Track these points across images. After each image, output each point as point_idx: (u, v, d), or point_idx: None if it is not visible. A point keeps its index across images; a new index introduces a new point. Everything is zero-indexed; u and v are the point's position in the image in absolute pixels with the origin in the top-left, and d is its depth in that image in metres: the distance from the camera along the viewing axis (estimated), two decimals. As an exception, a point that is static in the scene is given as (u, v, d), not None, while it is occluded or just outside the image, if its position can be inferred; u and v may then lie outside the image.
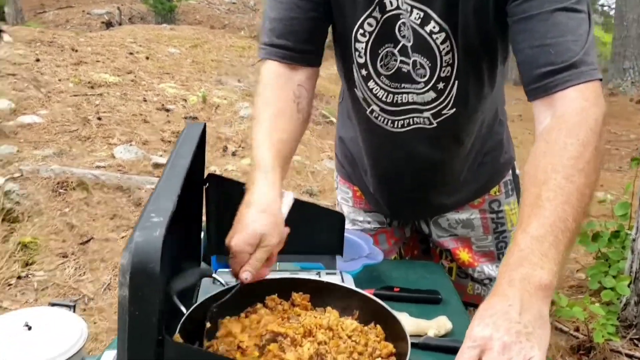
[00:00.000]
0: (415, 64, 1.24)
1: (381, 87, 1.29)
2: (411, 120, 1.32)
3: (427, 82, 1.25)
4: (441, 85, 1.25)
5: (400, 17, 1.19)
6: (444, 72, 1.23)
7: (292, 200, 1.09)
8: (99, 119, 4.98)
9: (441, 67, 1.22)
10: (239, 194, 1.20)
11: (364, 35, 1.23)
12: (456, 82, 1.25)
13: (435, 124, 1.31)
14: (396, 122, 1.33)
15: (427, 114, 1.31)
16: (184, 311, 0.90)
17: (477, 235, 1.55)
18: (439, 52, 1.21)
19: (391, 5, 1.18)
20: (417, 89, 1.27)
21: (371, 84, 1.30)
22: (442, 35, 1.18)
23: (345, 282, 1.14)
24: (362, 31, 1.23)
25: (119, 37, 8.58)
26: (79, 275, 2.84)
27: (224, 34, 10.22)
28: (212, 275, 1.04)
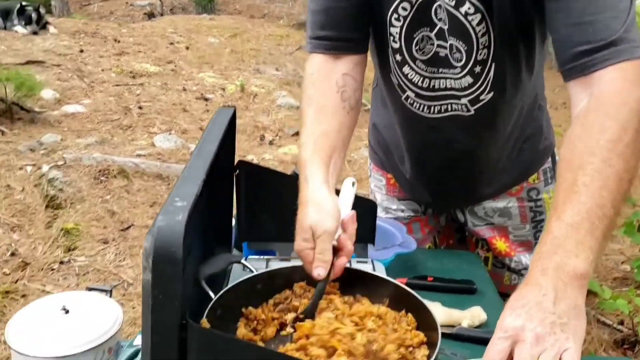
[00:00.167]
0: (452, 47, 1.21)
1: (417, 72, 1.27)
2: (449, 106, 1.29)
3: (463, 67, 1.22)
4: (478, 69, 1.22)
5: (434, 0, 1.16)
6: (480, 55, 1.20)
7: (351, 185, 1.08)
8: (140, 108, 5.07)
9: (477, 50, 1.19)
10: (269, 181, 1.20)
11: (398, 19, 1.21)
12: (493, 64, 1.21)
13: (472, 111, 1.28)
14: (432, 107, 1.30)
15: (464, 101, 1.27)
16: (212, 296, 0.90)
17: (515, 224, 1.51)
18: (475, 35, 1.17)
19: None
20: (454, 74, 1.24)
21: (406, 69, 1.28)
22: (478, 16, 1.15)
23: (376, 270, 1.12)
24: (396, 15, 1.20)
25: (160, 27, 8.72)
26: (119, 261, 2.90)
27: (262, 23, 10.26)
28: (241, 261, 1.04)
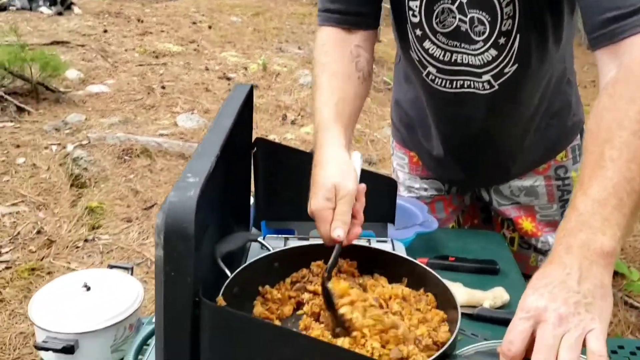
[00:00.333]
0: (472, 20, 1.17)
1: (438, 46, 1.23)
2: (471, 83, 1.25)
3: (486, 40, 1.18)
4: (502, 40, 1.17)
5: None
6: (505, 25, 1.15)
7: (360, 158, 1.06)
8: (163, 88, 5.08)
9: (502, 20, 1.15)
10: (287, 159, 1.17)
11: None
12: (518, 35, 1.17)
13: (496, 86, 1.24)
14: (454, 82, 1.27)
15: (486, 77, 1.23)
16: (229, 274, 0.89)
17: (542, 203, 1.47)
18: (499, 4, 1.13)
19: None
20: (475, 49, 1.20)
21: (427, 44, 1.24)
22: None
23: (396, 250, 1.10)
24: None
25: (183, 7, 8.71)
26: (142, 239, 2.93)
27: (285, 1, 10.17)
28: (258, 239, 1.03)
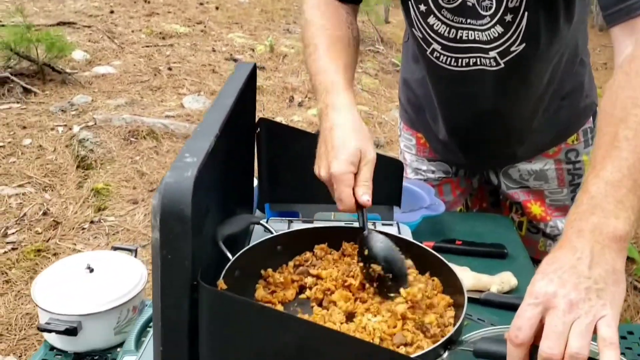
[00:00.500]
0: None
1: (443, 22, 1.19)
2: (477, 60, 1.22)
3: (493, 15, 1.14)
4: (509, 17, 1.13)
5: None
6: (511, 2, 1.11)
7: None
8: (169, 69, 5.05)
9: None
10: (292, 140, 1.15)
11: None
12: (526, 13, 1.13)
13: (502, 64, 1.20)
14: (460, 60, 1.23)
15: (493, 54, 1.19)
16: (230, 257, 0.88)
17: (551, 187, 1.44)
18: None
19: None
20: (482, 24, 1.16)
21: (431, 20, 1.20)
22: None
23: (402, 233, 1.08)
24: None
25: (190, -13, 8.61)
26: (148, 221, 2.91)
27: (293, -18, 10.06)
28: (261, 222, 1.01)
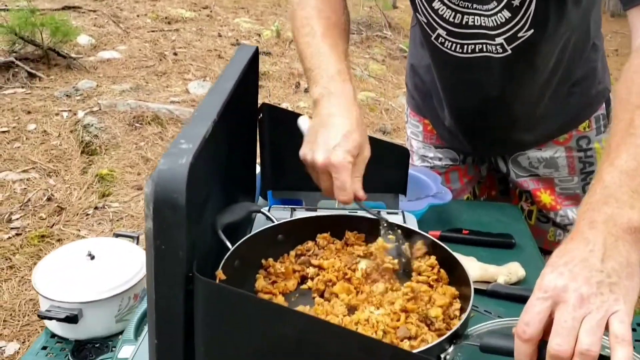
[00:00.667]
0: None
1: (448, 7, 1.15)
2: (483, 46, 1.18)
3: (500, 0, 1.10)
4: (517, 1, 1.09)
5: None
6: None
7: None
8: (175, 54, 5.02)
9: None
10: (295, 126, 1.12)
11: None
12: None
13: (509, 50, 1.16)
14: (465, 46, 1.19)
15: (499, 40, 1.15)
16: (229, 247, 0.85)
17: (562, 175, 1.40)
18: None
19: None
20: (488, 9, 1.12)
21: (436, 4, 1.16)
22: None
23: (407, 222, 1.05)
24: None
25: (196, -28, 8.55)
26: (153, 207, 2.89)
27: (300, -34, 9.96)
28: (262, 210, 0.98)
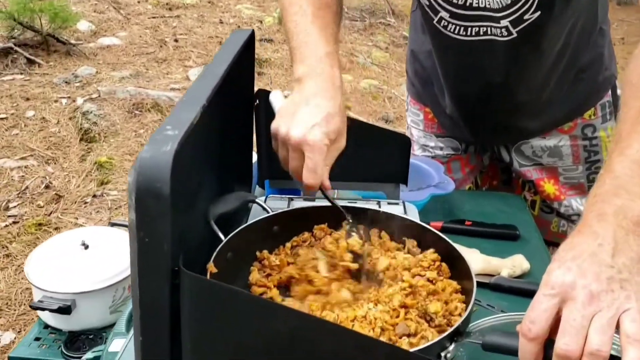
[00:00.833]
0: None
1: None
2: (488, 29, 1.14)
3: None
4: None
5: None
6: None
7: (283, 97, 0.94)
8: (176, 41, 4.97)
9: None
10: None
11: None
12: None
13: (514, 34, 1.12)
14: (469, 29, 1.15)
15: (504, 22, 1.11)
16: (222, 238, 0.82)
17: (566, 164, 1.37)
18: None
19: None
20: None
21: None
22: None
23: (408, 213, 1.02)
24: None
25: (198, -43, 8.46)
26: (152, 195, 2.86)
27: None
28: (256, 200, 0.95)
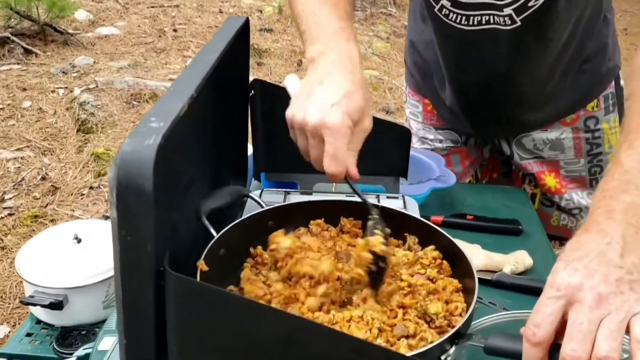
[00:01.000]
0: None
1: None
2: (490, 18, 1.11)
3: None
4: None
5: None
6: None
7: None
8: (175, 30, 4.93)
9: None
10: (289, 102, 1.05)
11: None
12: None
13: (518, 22, 1.09)
14: (471, 18, 1.12)
15: (508, 10, 1.08)
16: (214, 234, 0.79)
17: (567, 157, 1.34)
18: None
19: None
20: None
21: None
22: None
23: (407, 208, 0.99)
24: None
25: (197, -54, 8.40)
26: (149, 187, 2.84)
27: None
28: (250, 194, 0.92)
